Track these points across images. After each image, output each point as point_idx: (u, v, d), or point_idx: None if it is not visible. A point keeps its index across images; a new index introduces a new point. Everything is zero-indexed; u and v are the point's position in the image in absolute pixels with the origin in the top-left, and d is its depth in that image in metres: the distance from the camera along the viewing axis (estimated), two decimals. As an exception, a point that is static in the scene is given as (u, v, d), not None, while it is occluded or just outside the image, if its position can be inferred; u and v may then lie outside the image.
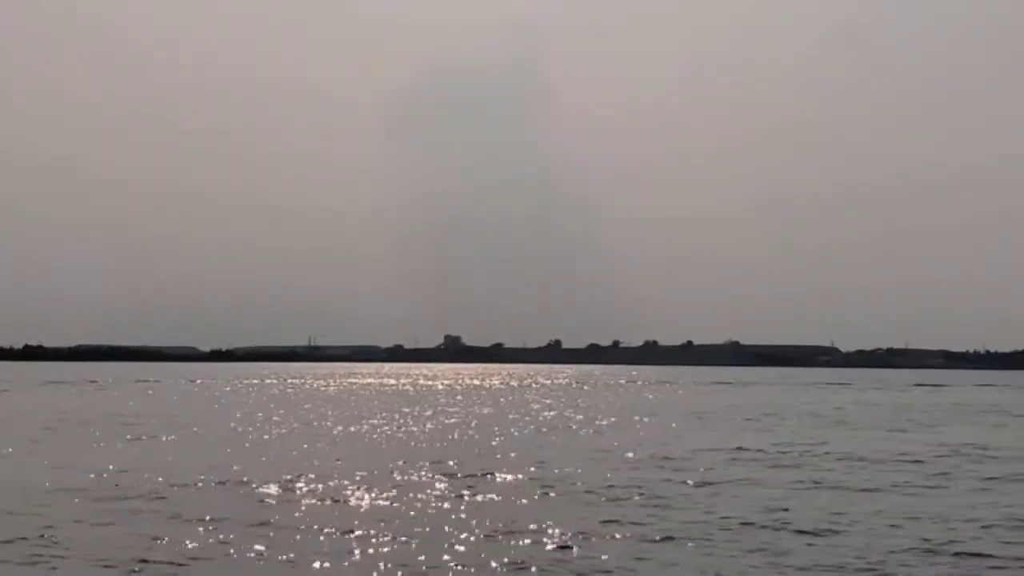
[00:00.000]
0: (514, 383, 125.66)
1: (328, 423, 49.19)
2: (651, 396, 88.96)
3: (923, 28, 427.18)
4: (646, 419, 54.51)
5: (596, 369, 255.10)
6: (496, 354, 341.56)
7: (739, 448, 35.33)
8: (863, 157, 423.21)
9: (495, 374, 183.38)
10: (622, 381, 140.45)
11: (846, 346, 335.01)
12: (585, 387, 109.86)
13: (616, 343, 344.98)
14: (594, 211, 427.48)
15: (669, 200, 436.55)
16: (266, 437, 40.11)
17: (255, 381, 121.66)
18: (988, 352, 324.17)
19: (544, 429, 45.24)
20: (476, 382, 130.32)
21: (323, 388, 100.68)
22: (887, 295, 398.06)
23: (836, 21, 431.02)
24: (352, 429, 45.01)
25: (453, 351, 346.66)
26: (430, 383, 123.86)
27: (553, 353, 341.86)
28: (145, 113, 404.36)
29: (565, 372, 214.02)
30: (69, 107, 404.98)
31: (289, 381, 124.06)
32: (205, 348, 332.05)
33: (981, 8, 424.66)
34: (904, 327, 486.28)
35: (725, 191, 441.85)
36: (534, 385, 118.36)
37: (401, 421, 50.91)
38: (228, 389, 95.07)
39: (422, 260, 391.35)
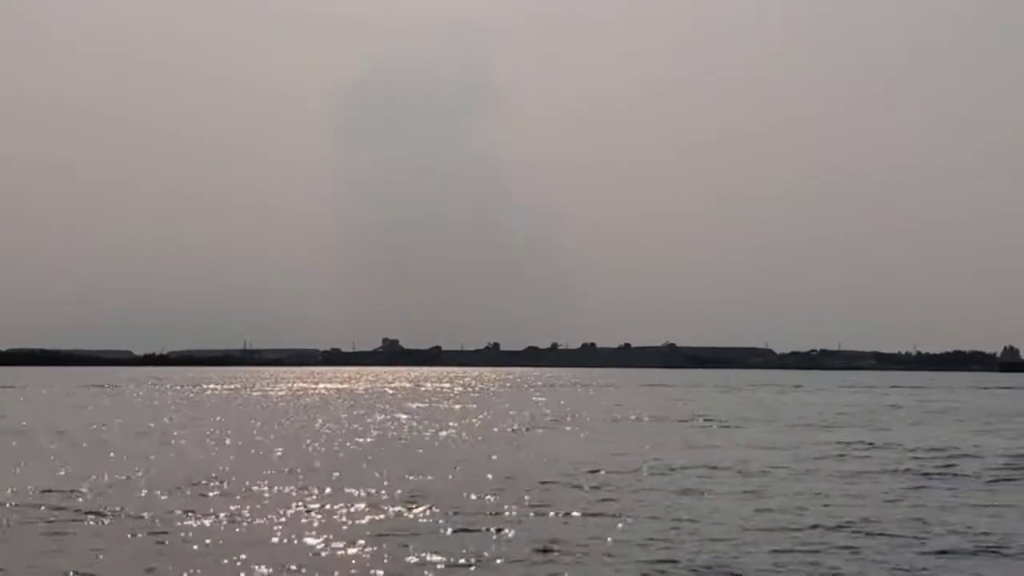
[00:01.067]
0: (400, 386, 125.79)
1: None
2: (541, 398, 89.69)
3: (872, 33, 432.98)
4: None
5: (534, 372, 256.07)
6: (435, 357, 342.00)
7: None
8: (800, 161, 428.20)
9: (430, 378, 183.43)
10: (539, 384, 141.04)
11: (780, 348, 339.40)
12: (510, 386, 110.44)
13: (555, 345, 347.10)
14: (535, 213, 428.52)
15: (610, 202, 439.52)
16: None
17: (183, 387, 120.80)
18: (919, 353, 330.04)
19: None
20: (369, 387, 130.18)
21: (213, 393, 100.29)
22: (820, 298, 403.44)
23: (789, 22, 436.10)
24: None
25: (391, 354, 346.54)
26: (340, 387, 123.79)
27: (492, 356, 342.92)
28: (72, 106, 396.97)
29: (491, 376, 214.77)
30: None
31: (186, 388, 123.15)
32: (139, 352, 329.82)
33: (932, 8, 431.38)
34: (837, 329, 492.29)
35: (664, 194, 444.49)
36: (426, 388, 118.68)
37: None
38: (141, 394, 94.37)
39: (360, 261, 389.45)
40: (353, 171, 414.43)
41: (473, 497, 24.00)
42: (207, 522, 20.57)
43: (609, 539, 19.03)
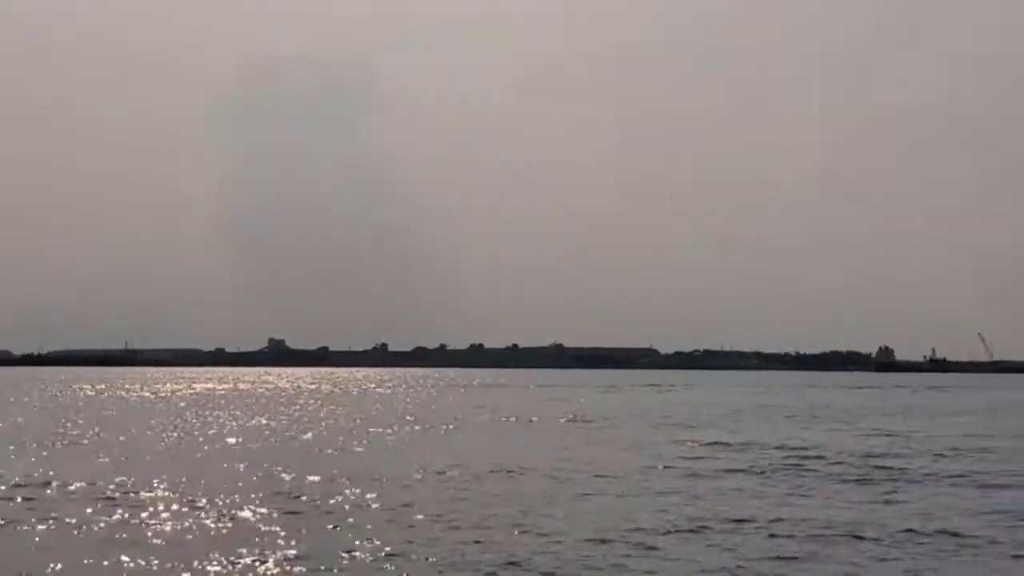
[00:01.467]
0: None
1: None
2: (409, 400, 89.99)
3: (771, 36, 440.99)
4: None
5: (421, 372, 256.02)
6: (322, 357, 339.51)
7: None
8: (679, 167, 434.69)
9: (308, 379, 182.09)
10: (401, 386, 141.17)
11: (665, 348, 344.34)
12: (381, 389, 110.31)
13: (443, 346, 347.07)
14: (424, 212, 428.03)
15: (498, 203, 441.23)
16: None
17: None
18: (799, 354, 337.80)
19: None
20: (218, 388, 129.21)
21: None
22: (704, 300, 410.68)
23: (664, 20, 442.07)
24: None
25: (278, 354, 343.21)
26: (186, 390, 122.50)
27: (380, 356, 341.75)
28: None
29: (382, 377, 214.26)
30: None
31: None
32: (18, 352, 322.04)
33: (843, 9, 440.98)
34: (721, 330, 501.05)
35: (550, 197, 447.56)
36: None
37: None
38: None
39: (247, 261, 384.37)
40: (240, 169, 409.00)
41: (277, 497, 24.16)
42: None
43: (409, 540, 19.13)
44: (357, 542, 19.06)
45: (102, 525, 20.79)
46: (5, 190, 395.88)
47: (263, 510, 22.65)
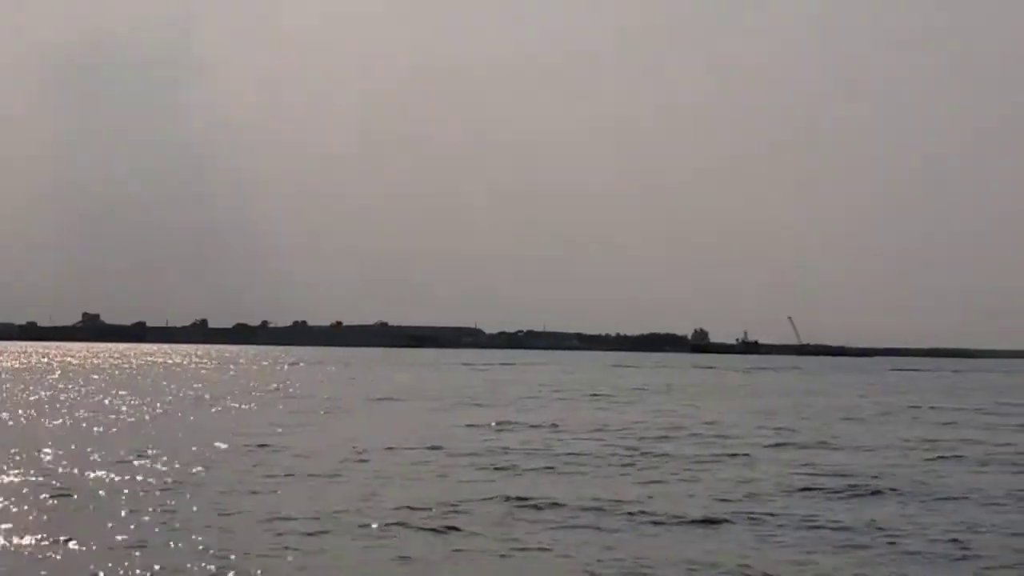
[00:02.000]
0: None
1: None
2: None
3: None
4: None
5: (241, 350, 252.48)
6: (138, 333, 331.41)
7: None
8: (509, 145, 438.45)
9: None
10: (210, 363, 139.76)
11: (490, 328, 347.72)
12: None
13: (265, 323, 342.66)
14: (243, 187, 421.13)
15: (320, 178, 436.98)
16: None
17: None
18: (619, 335, 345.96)
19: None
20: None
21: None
22: (528, 280, 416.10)
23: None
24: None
25: (93, 330, 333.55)
26: None
27: (200, 332, 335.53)
28: None
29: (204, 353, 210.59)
30: None
31: None
32: None
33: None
34: (543, 311, 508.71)
35: (374, 175, 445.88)
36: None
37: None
38: None
39: (60, 230, 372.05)
40: (53, 135, 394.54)
41: None
42: None
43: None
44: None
45: None
46: None
47: None
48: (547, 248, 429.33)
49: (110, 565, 15.77)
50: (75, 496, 21.99)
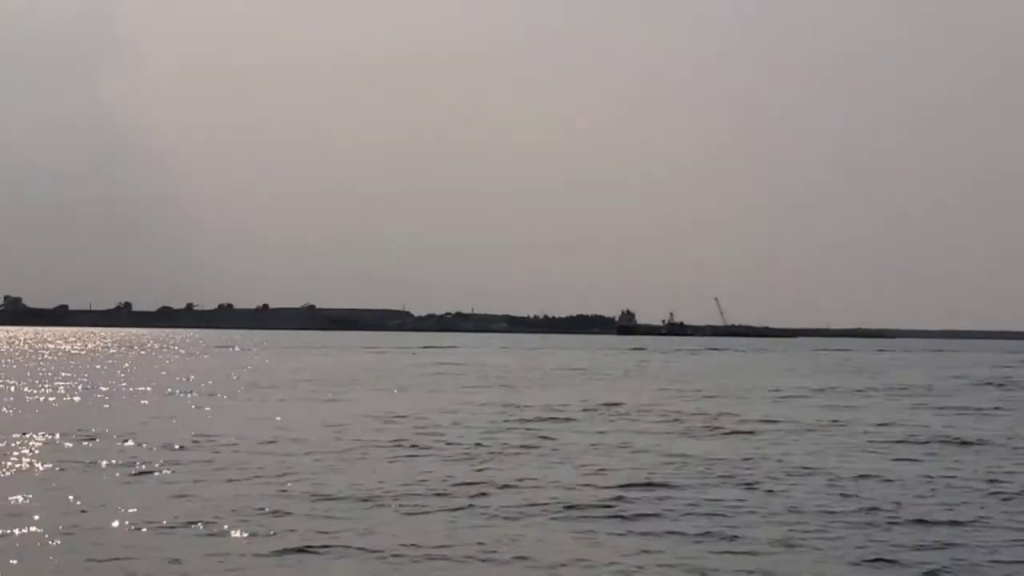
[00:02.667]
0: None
1: None
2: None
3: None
4: None
5: (165, 333, 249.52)
6: (61, 317, 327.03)
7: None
8: (429, 133, 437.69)
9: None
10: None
11: (418, 311, 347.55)
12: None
13: (190, 306, 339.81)
14: (169, 173, 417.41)
15: (245, 169, 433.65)
16: None
17: None
18: (547, 317, 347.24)
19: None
20: None
21: None
22: (457, 262, 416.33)
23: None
24: None
25: (14, 313, 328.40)
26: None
27: (123, 316, 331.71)
28: None
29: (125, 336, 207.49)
30: None
31: None
32: None
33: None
34: (472, 293, 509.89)
35: (301, 159, 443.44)
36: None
37: None
38: None
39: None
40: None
41: None
42: None
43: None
44: None
45: None
46: None
47: None
48: (477, 232, 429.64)
49: None
50: None
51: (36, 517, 17.51)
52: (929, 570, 14.98)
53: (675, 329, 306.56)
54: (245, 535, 16.60)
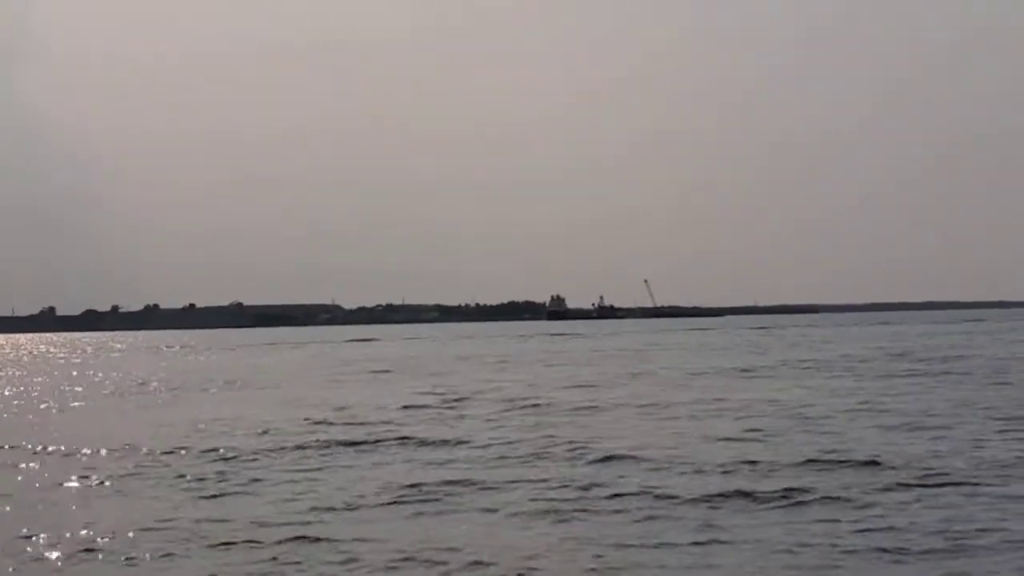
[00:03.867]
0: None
1: None
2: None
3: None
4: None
5: (90, 337, 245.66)
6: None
7: None
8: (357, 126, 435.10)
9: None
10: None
11: (348, 303, 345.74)
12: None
13: (115, 308, 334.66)
14: (88, 172, 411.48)
15: (168, 164, 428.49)
16: None
17: None
18: (479, 305, 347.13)
19: None
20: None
21: None
22: (385, 254, 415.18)
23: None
24: None
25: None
26: None
27: (47, 321, 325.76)
28: None
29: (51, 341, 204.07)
30: None
31: None
32: None
33: None
34: (402, 284, 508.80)
35: (223, 153, 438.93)
36: None
37: None
38: None
39: None
40: None
41: None
42: None
43: None
44: None
45: None
46: None
47: None
48: (406, 223, 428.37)
49: None
50: None
51: None
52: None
53: (606, 312, 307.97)
54: None
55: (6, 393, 52.90)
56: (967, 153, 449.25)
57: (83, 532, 16.97)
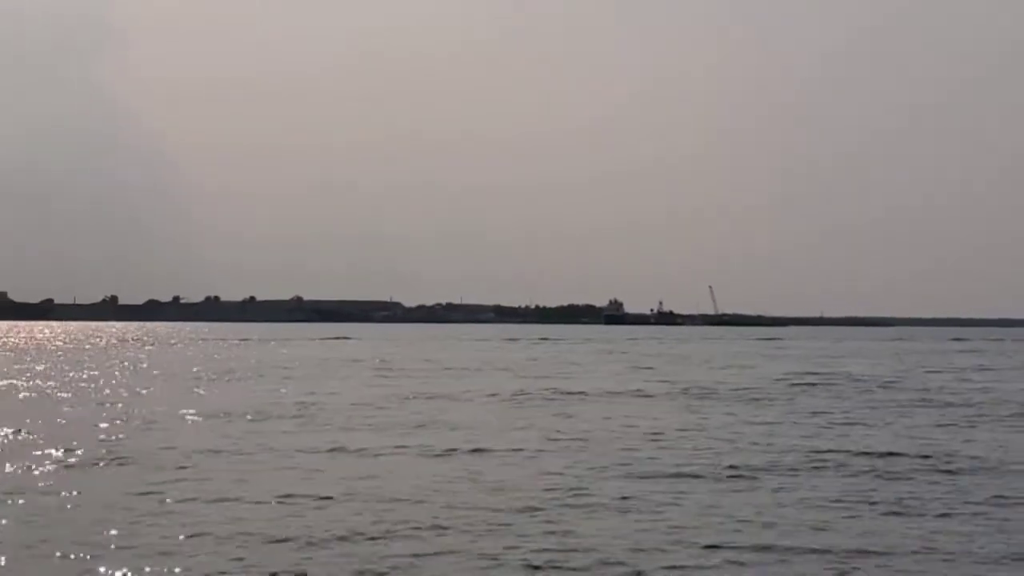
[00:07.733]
0: None
1: None
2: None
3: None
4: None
5: (151, 327, 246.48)
6: (47, 311, 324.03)
7: None
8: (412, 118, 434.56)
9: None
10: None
11: (408, 302, 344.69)
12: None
13: (176, 299, 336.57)
14: (158, 169, 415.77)
15: (235, 162, 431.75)
16: None
17: None
18: (537, 307, 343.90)
19: None
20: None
21: None
22: (445, 254, 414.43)
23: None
24: None
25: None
26: None
27: (110, 309, 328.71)
28: None
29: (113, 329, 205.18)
30: None
31: None
32: None
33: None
34: (461, 283, 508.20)
35: (289, 161, 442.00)
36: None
37: None
38: None
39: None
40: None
41: None
42: None
43: None
44: None
45: None
46: None
47: None
48: (467, 224, 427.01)
49: None
50: None
51: None
52: None
53: (664, 318, 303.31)
54: None
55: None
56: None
57: None
